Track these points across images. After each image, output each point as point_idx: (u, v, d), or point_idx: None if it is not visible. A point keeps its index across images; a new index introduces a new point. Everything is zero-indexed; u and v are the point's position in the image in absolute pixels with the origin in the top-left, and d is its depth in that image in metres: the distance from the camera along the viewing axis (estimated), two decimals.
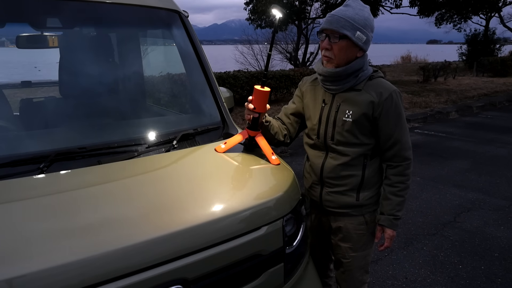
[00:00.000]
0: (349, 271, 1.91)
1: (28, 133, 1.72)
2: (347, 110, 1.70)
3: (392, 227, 1.78)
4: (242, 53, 17.72)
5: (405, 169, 1.75)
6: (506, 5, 20.02)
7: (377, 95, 1.67)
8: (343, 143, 1.73)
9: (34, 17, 1.89)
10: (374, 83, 1.71)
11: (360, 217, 1.83)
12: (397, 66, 24.89)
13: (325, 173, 1.80)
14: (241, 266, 1.32)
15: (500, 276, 2.88)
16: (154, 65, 2.61)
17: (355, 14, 1.61)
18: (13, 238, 1.05)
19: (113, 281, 1.04)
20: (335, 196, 1.81)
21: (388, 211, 1.77)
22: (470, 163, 5.61)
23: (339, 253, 1.91)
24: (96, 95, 1.92)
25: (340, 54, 1.64)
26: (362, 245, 1.87)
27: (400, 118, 1.70)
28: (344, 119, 1.70)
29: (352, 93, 1.71)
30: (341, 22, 1.60)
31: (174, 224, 1.19)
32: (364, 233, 1.85)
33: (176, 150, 1.69)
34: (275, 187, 1.52)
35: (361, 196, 1.79)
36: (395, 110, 1.68)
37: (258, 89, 1.68)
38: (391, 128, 1.70)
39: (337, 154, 1.76)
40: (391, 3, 16.24)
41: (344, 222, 1.84)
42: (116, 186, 1.41)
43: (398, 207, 1.76)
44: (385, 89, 1.68)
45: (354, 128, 1.70)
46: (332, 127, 1.74)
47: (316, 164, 1.83)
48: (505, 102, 11.03)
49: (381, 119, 1.69)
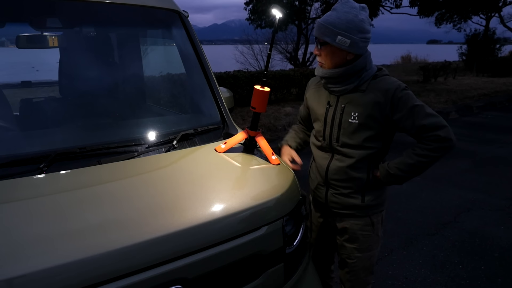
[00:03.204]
0: (354, 271, 1.90)
1: (28, 133, 1.72)
2: (352, 112, 1.68)
3: (382, 175, 1.72)
4: (242, 53, 17.72)
5: (440, 148, 1.60)
6: (506, 5, 20.01)
7: (382, 94, 1.64)
8: (349, 145, 1.72)
9: (34, 17, 1.89)
10: (378, 82, 1.68)
11: (366, 218, 1.81)
12: (397, 66, 24.86)
13: (330, 174, 1.79)
14: (241, 266, 1.32)
15: (500, 276, 2.88)
16: (154, 65, 2.61)
17: (336, 18, 1.60)
18: (13, 238, 1.05)
19: (113, 281, 1.04)
20: (340, 198, 1.80)
21: (391, 162, 1.71)
22: (470, 163, 5.61)
23: (344, 254, 1.91)
24: (96, 95, 1.92)
25: (327, 59, 1.68)
26: (367, 246, 1.85)
27: (414, 107, 1.61)
28: (350, 121, 1.69)
29: (357, 94, 1.69)
30: (321, 29, 1.63)
31: (174, 224, 1.19)
32: (369, 234, 1.83)
33: (176, 150, 1.69)
34: (275, 187, 1.52)
35: (366, 198, 1.77)
36: (405, 103, 1.62)
37: (258, 89, 1.68)
38: (408, 119, 1.63)
39: (342, 156, 1.75)
40: (391, 3, 16.25)
41: (350, 223, 1.83)
42: (116, 186, 1.41)
43: (401, 165, 1.67)
44: (389, 87, 1.64)
45: (360, 130, 1.68)
46: (337, 129, 1.73)
47: (322, 165, 1.82)
48: (505, 102, 11.03)
49: (394, 116, 1.64)
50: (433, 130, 1.60)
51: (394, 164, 1.69)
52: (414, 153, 1.65)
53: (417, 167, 1.65)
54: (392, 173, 1.69)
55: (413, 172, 1.68)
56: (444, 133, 1.60)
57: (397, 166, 1.68)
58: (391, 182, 1.73)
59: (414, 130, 1.63)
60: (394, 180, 1.71)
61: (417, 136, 1.65)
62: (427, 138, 1.61)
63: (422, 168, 1.66)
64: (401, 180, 1.71)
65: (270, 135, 6.81)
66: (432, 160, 1.63)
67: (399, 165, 1.68)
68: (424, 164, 1.64)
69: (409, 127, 1.63)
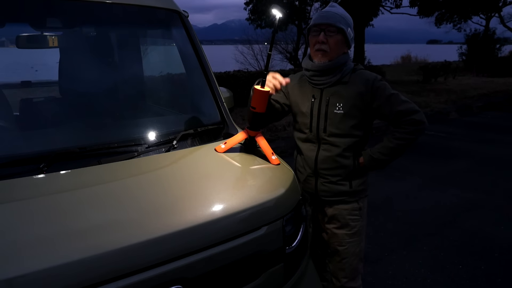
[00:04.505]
0: (346, 258, 1.97)
1: (28, 133, 1.72)
2: (337, 103, 1.80)
3: (366, 161, 1.86)
4: (242, 53, 17.73)
5: (415, 130, 1.77)
6: (506, 5, 20.01)
7: (363, 85, 1.78)
8: (336, 135, 1.83)
9: (34, 17, 1.89)
10: (358, 75, 1.82)
11: (354, 203, 1.93)
12: (397, 66, 24.89)
13: (319, 164, 1.88)
14: (241, 266, 1.32)
15: (500, 276, 2.88)
16: (154, 65, 2.61)
17: (344, 13, 1.80)
18: (13, 238, 1.05)
19: (113, 281, 1.04)
20: (329, 186, 1.90)
21: (373, 148, 1.86)
22: (470, 163, 5.61)
23: (335, 242, 1.98)
24: (96, 95, 1.92)
25: (335, 48, 1.77)
26: (357, 231, 1.96)
27: (390, 96, 1.78)
28: (336, 112, 1.80)
29: (339, 86, 1.82)
30: (337, 17, 1.75)
31: (174, 224, 1.19)
32: (358, 218, 1.95)
33: (176, 150, 1.69)
34: (275, 187, 1.52)
35: (354, 183, 1.90)
36: (382, 92, 1.78)
37: (258, 89, 1.68)
38: (386, 106, 1.78)
39: (329, 145, 1.85)
40: (391, 3, 16.29)
41: (339, 209, 1.93)
42: (116, 186, 1.41)
43: (383, 149, 1.83)
44: (368, 78, 1.80)
45: (345, 119, 1.80)
46: (324, 120, 1.83)
47: (310, 157, 1.90)
48: (505, 102, 11.02)
49: (374, 103, 1.79)
50: (409, 114, 1.76)
51: (376, 150, 1.85)
52: (393, 138, 1.80)
53: (397, 150, 1.81)
54: (376, 157, 1.84)
55: (394, 155, 1.83)
56: (419, 116, 1.77)
57: (379, 151, 1.84)
58: (374, 166, 1.87)
59: (392, 116, 1.79)
60: (377, 164, 1.85)
61: (395, 121, 1.80)
62: (404, 122, 1.77)
63: (401, 151, 1.82)
64: (384, 163, 1.85)
65: (270, 135, 6.82)
66: (409, 143, 1.80)
67: (381, 150, 1.83)
68: (403, 147, 1.80)
69: (388, 113, 1.79)
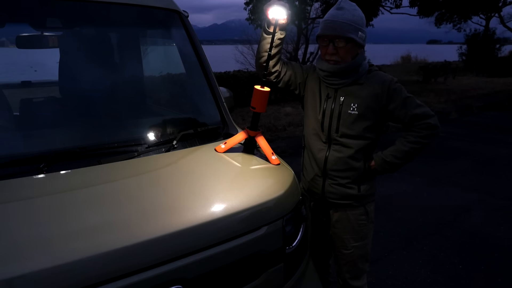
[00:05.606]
0: (351, 261, 1.95)
1: (28, 133, 1.72)
2: (352, 103, 1.76)
3: (377, 164, 1.82)
4: (242, 53, 17.69)
5: (429, 135, 1.75)
6: (506, 5, 19.99)
7: (379, 86, 1.75)
8: (348, 136, 1.78)
9: (34, 17, 1.89)
10: (374, 76, 1.79)
11: (361, 208, 1.88)
12: (397, 66, 24.90)
13: (329, 165, 1.83)
14: (241, 266, 1.32)
15: (500, 276, 2.88)
16: (154, 65, 2.61)
17: (352, 16, 1.70)
18: (13, 238, 1.05)
19: (113, 281, 1.04)
20: (338, 188, 1.85)
21: (385, 151, 1.83)
22: (470, 163, 5.61)
23: (340, 245, 1.94)
24: (96, 95, 1.92)
25: (347, 56, 1.73)
26: (363, 235, 1.91)
27: (406, 98, 1.75)
28: (350, 112, 1.77)
29: (355, 87, 1.78)
30: (344, 27, 1.68)
31: (174, 224, 1.19)
32: (365, 223, 1.90)
33: (176, 150, 1.69)
34: (275, 187, 1.52)
35: (362, 188, 1.85)
36: (399, 94, 1.75)
37: (258, 89, 1.68)
38: (402, 109, 1.75)
39: (341, 146, 1.81)
40: (391, 3, 16.26)
41: (346, 213, 1.88)
42: (116, 186, 1.41)
43: (396, 152, 1.79)
44: (384, 79, 1.77)
45: (359, 120, 1.76)
46: (337, 120, 1.79)
47: (319, 157, 1.86)
48: (505, 102, 11.03)
49: (389, 105, 1.76)
50: (424, 118, 1.74)
51: (389, 152, 1.81)
52: (407, 141, 1.78)
53: (411, 154, 1.78)
54: (388, 160, 1.80)
55: (406, 159, 1.80)
56: (434, 121, 1.75)
57: (392, 153, 1.80)
58: (386, 170, 1.83)
59: (407, 119, 1.76)
60: (389, 167, 1.82)
61: (409, 125, 1.77)
62: (419, 126, 1.75)
63: (414, 154, 1.79)
64: (396, 167, 1.82)
65: (270, 135, 6.82)
66: (423, 146, 1.76)
67: (394, 153, 1.80)
68: (416, 151, 1.77)
69: (403, 116, 1.76)
